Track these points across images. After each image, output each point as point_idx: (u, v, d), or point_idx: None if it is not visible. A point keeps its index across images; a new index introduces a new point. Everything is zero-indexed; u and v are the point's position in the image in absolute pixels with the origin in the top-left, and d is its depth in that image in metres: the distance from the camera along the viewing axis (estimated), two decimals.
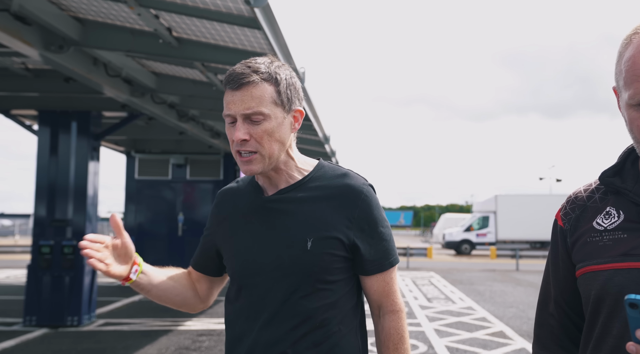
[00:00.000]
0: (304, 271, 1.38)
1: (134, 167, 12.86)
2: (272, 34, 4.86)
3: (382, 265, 1.45)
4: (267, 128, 1.36)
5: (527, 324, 8.15)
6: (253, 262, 1.42)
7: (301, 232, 1.39)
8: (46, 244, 7.55)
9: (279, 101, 1.37)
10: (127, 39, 5.42)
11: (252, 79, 1.34)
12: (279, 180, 1.46)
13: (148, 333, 7.22)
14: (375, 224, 1.44)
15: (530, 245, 29.32)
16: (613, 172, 1.18)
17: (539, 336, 1.28)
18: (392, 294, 1.46)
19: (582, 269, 1.14)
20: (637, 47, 1.02)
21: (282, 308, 1.38)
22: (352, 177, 1.46)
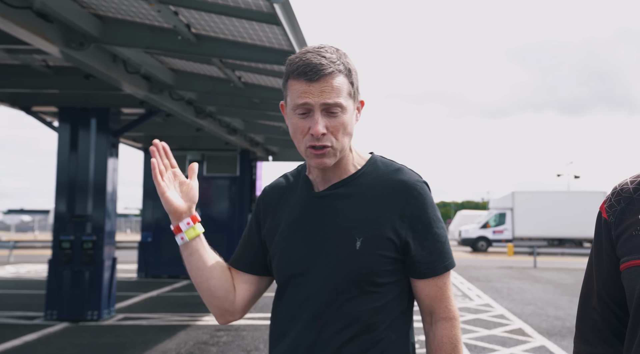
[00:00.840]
0: (352, 272, 1.31)
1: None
2: (291, 30, 4.86)
3: (436, 268, 1.36)
4: (344, 121, 1.31)
5: (546, 322, 8.08)
6: (299, 260, 1.37)
7: (350, 230, 1.33)
8: (66, 240, 7.65)
9: (352, 93, 1.34)
10: (147, 36, 5.45)
11: (331, 70, 1.29)
12: (334, 174, 1.39)
13: (167, 327, 7.28)
14: (429, 224, 1.35)
15: (548, 242, 29.00)
16: None
17: (581, 330, 1.26)
18: (446, 300, 1.37)
19: (627, 263, 1.12)
20: None
21: (327, 310, 1.32)
22: (405, 173, 1.39)
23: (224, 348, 6.22)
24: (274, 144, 13.37)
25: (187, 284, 11.79)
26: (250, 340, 6.60)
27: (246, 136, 11.75)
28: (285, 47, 5.49)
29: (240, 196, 12.99)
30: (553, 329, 7.48)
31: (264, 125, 11.06)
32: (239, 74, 7.10)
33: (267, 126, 11.08)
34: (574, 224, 27.68)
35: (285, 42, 5.27)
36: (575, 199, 28.34)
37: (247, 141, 12.00)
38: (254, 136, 12.10)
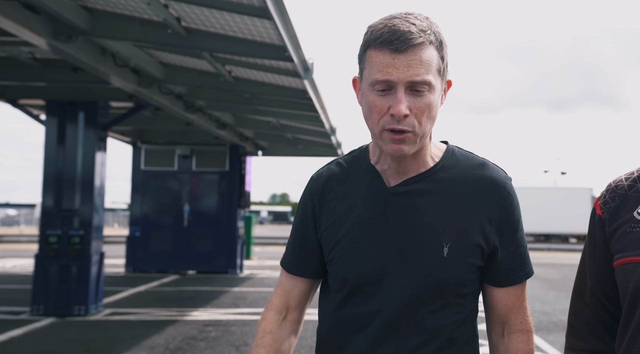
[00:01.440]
0: (438, 283, 1.17)
1: (140, 158, 12.87)
2: (283, 24, 4.83)
3: (518, 276, 1.23)
4: (430, 102, 1.11)
5: (533, 317, 8.02)
6: (372, 267, 1.19)
7: (436, 235, 1.17)
8: (53, 234, 7.57)
9: (442, 69, 1.14)
10: (136, 29, 5.39)
11: (421, 41, 1.09)
12: (410, 166, 1.20)
13: (155, 322, 7.25)
14: (515, 228, 1.22)
15: (535, 238, 29.28)
16: None
17: (574, 325, 1.27)
18: (523, 310, 1.26)
19: (621, 260, 1.12)
20: None
21: (405, 323, 1.18)
22: (492, 169, 1.23)
23: (213, 343, 6.21)
24: (264, 138, 13.33)
25: (175, 279, 11.76)
26: (240, 335, 6.59)
27: (236, 130, 11.70)
28: (277, 42, 5.46)
29: (229, 190, 12.95)
30: (539, 324, 7.55)
31: (254, 120, 11.02)
32: (229, 68, 7.06)
33: (257, 120, 11.04)
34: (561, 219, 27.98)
35: (277, 37, 5.24)
36: (561, 195, 28.63)
37: (236, 136, 11.95)
38: (243, 130, 12.05)
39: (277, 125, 11.19)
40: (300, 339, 6.37)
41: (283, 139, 13.04)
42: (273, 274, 13.07)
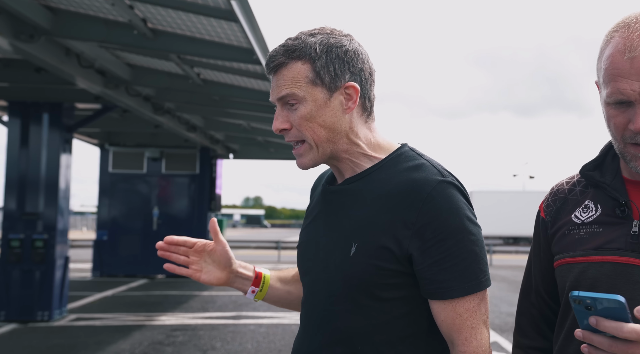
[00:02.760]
0: (345, 281, 1.16)
1: (107, 160, 12.66)
2: (250, 27, 4.83)
3: (452, 290, 1.11)
4: (305, 113, 1.16)
5: (499, 318, 8.29)
6: (306, 260, 1.26)
7: (348, 234, 1.17)
8: (16, 238, 7.39)
9: (319, 79, 1.16)
10: (101, 30, 5.32)
11: (281, 61, 1.16)
12: (345, 168, 1.23)
13: (121, 328, 7.13)
14: (445, 234, 1.11)
15: (504, 240, 29.81)
16: (593, 165, 1.19)
17: (520, 323, 1.30)
18: (466, 330, 1.12)
19: (559, 260, 1.16)
20: (615, 46, 1.02)
21: (319, 318, 1.19)
22: (423, 170, 1.17)
23: (180, 347, 6.14)
24: (235, 141, 13.27)
25: (143, 284, 11.58)
26: (207, 339, 6.54)
27: (206, 133, 11.61)
28: (244, 45, 5.46)
29: (199, 194, 12.83)
30: (505, 326, 7.68)
31: (225, 122, 10.96)
32: (197, 70, 7.02)
33: (228, 123, 10.99)
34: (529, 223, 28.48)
35: (244, 40, 5.24)
36: (530, 198, 29.19)
37: (207, 139, 11.86)
38: (214, 133, 11.98)
39: (248, 128, 11.15)
40: (269, 343, 6.36)
41: (254, 142, 13.00)
42: None
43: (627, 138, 1.04)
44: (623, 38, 1.02)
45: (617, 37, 1.03)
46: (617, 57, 1.02)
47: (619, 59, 1.01)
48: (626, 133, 1.04)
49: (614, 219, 1.10)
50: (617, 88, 1.01)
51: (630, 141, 1.04)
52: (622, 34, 1.02)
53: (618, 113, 1.04)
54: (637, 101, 1.00)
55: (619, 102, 1.03)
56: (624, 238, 1.07)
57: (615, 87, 1.02)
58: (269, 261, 18.71)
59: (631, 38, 1.00)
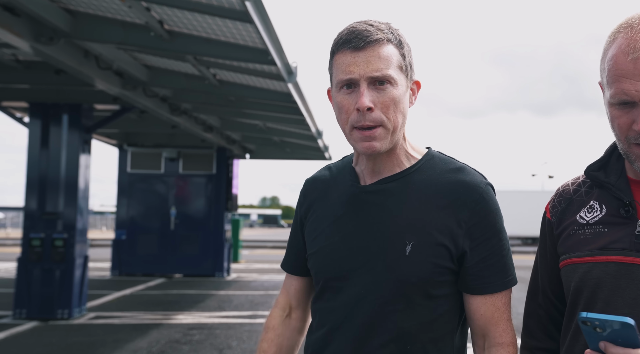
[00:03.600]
0: (400, 281, 1.16)
1: (126, 160, 12.81)
2: (264, 27, 4.85)
3: (494, 285, 1.18)
4: (394, 96, 1.13)
5: (517, 319, 8.16)
6: (339, 263, 1.21)
7: (400, 233, 1.17)
8: (37, 237, 7.52)
9: (404, 67, 1.17)
10: (118, 32, 5.39)
11: (379, 37, 1.13)
12: (385, 167, 1.22)
13: (139, 326, 7.22)
14: (491, 233, 1.18)
15: (522, 241, 29.48)
16: (598, 166, 1.19)
17: (527, 325, 1.30)
18: (504, 322, 1.20)
19: (564, 261, 1.16)
20: (619, 47, 1.02)
21: (369, 321, 1.17)
22: (468, 173, 1.21)
23: (197, 346, 6.19)
24: (251, 142, 13.33)
25: (161, 283, 11.70)
26: (224, 338, 6.58)
27: (222, 133, 11.69)
28: (259, 45, 5.48)
29: (216, 194, 12.92)
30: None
31: (241, 123, 11.02)
32: (213, 71, 7.07)
33: (244, 123, 11.04)
34: None
35: (259, 40, 5.26)
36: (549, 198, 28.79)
37: (223, 139, 11.94)
38: (230, 133, 12.05)
39: (264, 128, 11.19)
40: None
41: (270, 142, 13.05)
42: (260, 278, 13.06)
43: (631, 139, 1.04)
44: (626, 39, 1.01)
45: (621, 37, 1.03)
46: (620, 58, 1.01)
47: (622, 60, 1.01)
48: (630, 134, 1.04)
49: (619, 219, 1.10)
50: (620, 89, 1.01)
51: (634, 141, 1.04)
52: (625, 35, 1.02)
53: (622, 114, 1.04)
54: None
55: (623, 102, 1.03)
56: (629, 238, 1.07)
57: (619, 88, 1.02)
58: None
59: (634, 39, 1.00)
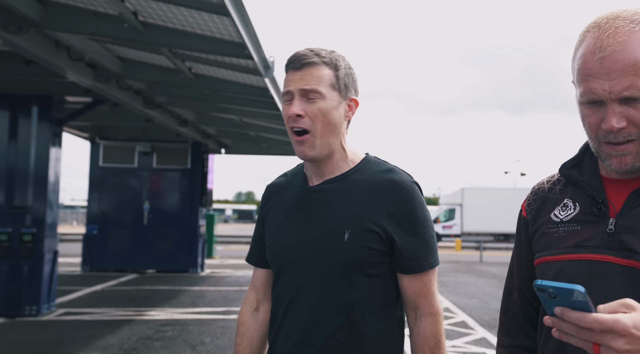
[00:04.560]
0: (340, 263, 1.38)
1: (98, 154, 12.57)
2: (241, 21, 4.80)
3: (421, 265, 1.41)
4: (322, 107, 1.38)
5: (488, 315, 8.35)
6: (292, 250, 1.44)
7: (339, 223, 1.39)
8: (4, 232, 7.33)
9: (337, 86, 1.41)
10: (91, 22, 5.27)
11: (313, 60, 1.39)
12: (327, 170, 1.46)
13: (110, 322, 7.11)
14: (415, 222, 1.41)
15: (494, 237, 29.97)
16: (572, 164, 1.20)
17: (503, 322, 1.32)
18: (430, 296, 1.43)
19: (539, 259, 1.18)
20: (587, 46, 1.03)
21: (317, 298, 1.39)
22: (396, 173, 1.45)
23: (169, 342, 6.12)
24: (227, 136, 13.22)
25: (133, 278, 11.54)
26: (197, 334, 6.53)
27: (198, 127, 11.56)
28: (236, 39, 5.43)
29: (191, 189, 12.79)
30: (494, 322, 7.73)
31: (217, 117, 10.91)
32: (189, 64, 6.97)
33: (220, 118, 10.94)
34: None
35: (236, 34, 5.21)
36: (521, 195, 29.28)
37: (198, 133, 11.81)
38: (206, 128, 11.92)
39: (240, 123, 11.11)
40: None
41: (246, 137, 12.96)
42: (234, 273, 12.99)
43: (600, 137, 1.05)
44: (594, 38, 1.03)
45: (589, 37, 1.04)
46: (588, 57, 1.03)
47: (590, 59, 1.02)
48: (600, 132, 1.05)
49: (591, 217, 1.11)
50: (589, 88, 1.03)
51: (603, 139, 1.05)
52: (593, 35, 1.03)
53: (591, 112, 1.05)
54: (608, 100, 1.01)
55: (592, 101, 1.04)
56: (601, 236, 1.08)
57: (587, 87, 1.03)
58: None
59: (601, 38, 1.01)
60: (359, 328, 1.37)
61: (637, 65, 0.99)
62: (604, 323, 0.83)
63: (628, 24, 1.01)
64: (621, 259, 1.04)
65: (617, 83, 0.99)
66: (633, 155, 1.03)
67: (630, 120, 1.01)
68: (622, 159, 1.04)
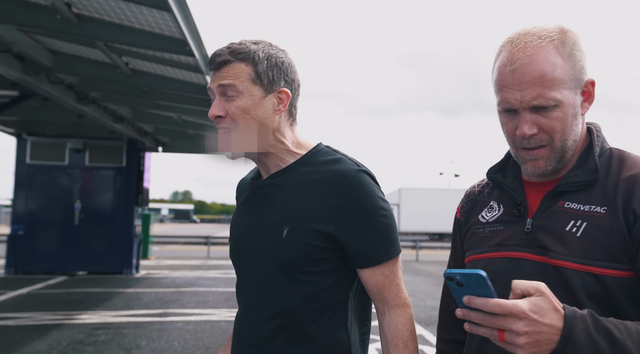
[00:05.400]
0: (279, 260, 1.32)
1: (25, 150, 11.91)
2: (183, 16, 4.71)
3: (378, 257, 1.32)
4: (241, 105, 1.32)
5: (424, 312, 8.59)
6: (240, 247, 1.42)
7: (279, 220, 1.34)
8: None
9: (258, 80, 1.33)
10: (20, 12, 5.00)
11: (225, 59, 1.33)
12: (271, 164, 1.40)
13: (37, 327, 6.76)
14: (365, 213, 1.30)
15: (430, 236, 30.88)
16: (497, 168, 1.29)
17: (442, 318, 1.41)
18: (395, 287, 1.34)
19: (468, 257, 1.27)
20: (502, 60, 1.13)
21: (258, 298, 1.35)
22: (342, 163, 1.35)
23: (102, 347, 5.90)
24: (165, 134, 12.89)
25: (63, 281, 11.03)
26: (132, 338, 6.33)
27: (134, 125, 11.21)
28: (177, 35, 5.31)
29: (126, 187, 12.37)
30: (430, 319, 7.97)
31: (154, 114, 10.62)
32: (126, 59, 6.76)
33: (158, 115, 10.66)
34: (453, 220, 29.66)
35: (176, 30, 5.10)
36: (455, 196, 30.38)
37: (135, 130, 11.45)
38: (142, 125, 11.58)
39: (179, 120, 10.87)
40: (196, 341, 6.25)
41: (185, 135, 12.70)
42: (171, 274, 12.68)
43: (517, 143, 1.15)
44: (507, 52, 1.13)
45: (504, 51, 1.15)
46: (502, 69, 1.13)
47: (503, 72, 1.13)
48: (515, 139, 1.15)
49: (512, 217, 1.20)
50: (503, 98, 1.13)
51: (519, 145, 1.15)
52: (506, 49, 1.14)
53: (508, 120, 1.16)
54: (520, 108, 1.12)
55: (507, 110, 1.15)
56: (519, 235, 1.17)
57: (502, 97, 1.13)
58: (199, 256, 18.36)
59: (512, 52, 1.12)
60: (304, 328, 1.31)
61: (543, 77, 1.08)
62: (505, 307, 0.90)
63: (536, 40, 1.11)
64: (536, 256, 1.13)
65: (526, 93, 1.09)
66: (545, 159, 1.13)
67: (541, 127, 1.11)
68: (535, 163, 1.14)
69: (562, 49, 1.11)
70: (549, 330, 0.92)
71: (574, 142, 1.15)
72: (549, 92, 1.09)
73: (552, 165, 1.14)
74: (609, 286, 1.05)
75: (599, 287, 1.06)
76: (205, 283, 11.21)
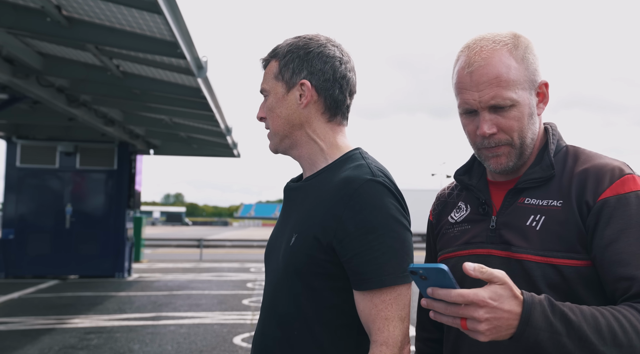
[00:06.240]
0: (284, 269, 1.24)
1: (15, 154, 11.83)
2: (174, 19, 4.71)
3: (369, 282, 1.15)
4: (269, 105, 1.33)
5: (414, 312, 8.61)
6: (267, 251, 1.39)
7: (293, 226, 1.27)
8: None
9: (281, 75, 1.31)
10: (9, 15, 4.98)
11: (265, 59, 1.36)
12: (305, 166, 1.35)
13: (28, 332, 6.71)
14: (365, 229, 1.15)
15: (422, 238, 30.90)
16: (464, 170, 1.34)
17: (420, 318, 1.46)
18: (380, 320, 1.14)
19: (440, 257, 1.32)
20: (461, 64, 1.19)
21: (268, 304, 1.29)
22: (357, 169, 1.22)
23: (94, 351, 5.87)
24: (156, 137, 12.85)
25: (54, 285, 10.96)
26: (124, 342, 6.30)
27: (125, 127, 11.16)
28: (168, 38, 5.31)
29: (117, 190, 12.31)
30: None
31: (145, 117, 10.59)
32: (117, 62, 6.73)
33: (149, 118, 10.62)
34: None
35: (168, 32, 5.09)
36: None
37: (126, 133, 11.41)
38: (134, 128, 11.53)
39: (170, 123, 10.84)
40: (190, 344, 6.23)
41: (176, 137, 12.66)
42: (164, 277, 12.63)
43: (478, 143, 1.21)
44: (465, 56, 1.19)
45: (462, 56, 1.21)
46: (461, 72, 1.19)
47: (462, 74, 1.18)
48: (477, 139, 1.21)
49: (478, 216, 1.26)
50: (463, 99, 1.19)
51: (480, 145, 1.21)
52: (464, 54, 1.20)
53: (468, 121, 1.21)
54: (479, 108, 1.17)
55: (467, 111, 1.20)
56: (485, 233, 1.22)
57: (462, 99, 1.19)
58: (191, 259, 18.29)
59: (469, 56, 1.18)
60: (299, 349, 1.19)
61: (499, 78, 1.14)
62: (466, 296, 0.94)
63: (491, 44, 1.17)
64: (501, 251, 1.18)
65: (484, 93, 1.15)
66: (506, 156, 1.19)
67: (500, 127, 1.16)
68: (497, 160, 1.20)
69: (515, 52, 1.17)
70: (509, 316, 0.96)
71: (532, 141, 1.20)
72: (505, 92, 1.14)
73: (513, 161, 1.19)
74: (568, 276, 1.10)
75: (558, 277, 1.11)
76: (198, 286, 11.17)
